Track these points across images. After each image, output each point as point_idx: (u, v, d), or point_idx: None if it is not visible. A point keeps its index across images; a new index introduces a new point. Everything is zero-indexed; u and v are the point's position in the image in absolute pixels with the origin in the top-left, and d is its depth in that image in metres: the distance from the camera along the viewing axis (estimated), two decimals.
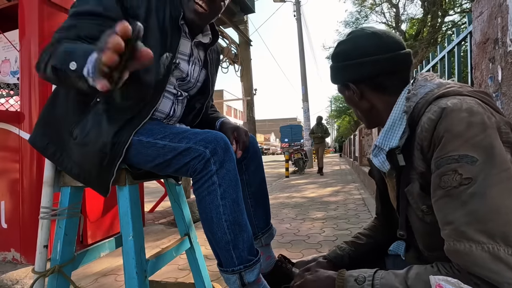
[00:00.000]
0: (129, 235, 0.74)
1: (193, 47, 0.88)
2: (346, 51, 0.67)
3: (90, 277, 1.53)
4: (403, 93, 0.64)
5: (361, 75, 0.65)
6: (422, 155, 0.56)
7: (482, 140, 0.48)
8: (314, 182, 5.83)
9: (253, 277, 0.70)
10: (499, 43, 0.92)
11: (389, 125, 0.63)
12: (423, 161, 0.56)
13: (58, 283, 0.80)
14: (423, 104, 0.57)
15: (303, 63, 10.37)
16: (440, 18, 10.29)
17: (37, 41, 1.70)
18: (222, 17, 4.31)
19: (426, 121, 0.53)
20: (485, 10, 1.00)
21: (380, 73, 0.64)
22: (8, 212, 1.75)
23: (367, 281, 0.56)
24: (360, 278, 0.57)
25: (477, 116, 0.49)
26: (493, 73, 0.97)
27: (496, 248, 0.43)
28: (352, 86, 0.67)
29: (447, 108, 0.51)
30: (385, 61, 0.63)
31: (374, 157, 0.67)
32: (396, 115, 0.63)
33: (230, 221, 0.69)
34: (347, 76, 0.68)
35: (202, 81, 0.94)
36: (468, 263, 0.46)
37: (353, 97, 0.68)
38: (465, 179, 0.47)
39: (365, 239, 0.83)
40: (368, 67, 0.64)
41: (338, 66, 0.69)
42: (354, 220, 2.51)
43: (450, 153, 0.49)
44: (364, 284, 0.56)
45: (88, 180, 0.75)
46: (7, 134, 1.76)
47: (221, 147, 0.70)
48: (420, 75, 0.66)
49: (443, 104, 0.53)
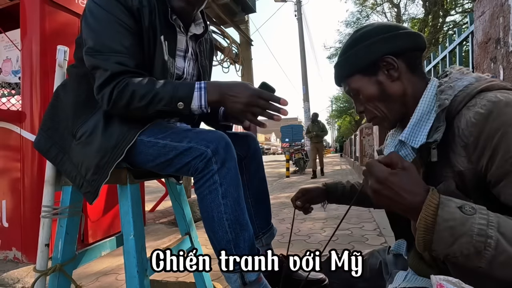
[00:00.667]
0: (130, 234, 0.74)
1: (188, 41, 0.88)
2: (374, 29, 0.62)
3: (91, 276, 1.54)
4: (431, 84, 0.59)
5: (401, 46, 0.60)
6: (466, 152, 0.50)
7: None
8: (314, 182, 5.82)
9: (254, 276, 0.70)
10: (501, 43, 0.92)
11: (417, 118, 0.57)
12: (466, 159, 0.50)
13: (59, 282, 0.80)
14: (464, 97, 0.53)
15: (304, 63, 10.37)
16: (441, 18, 10.27)
17: (38, 40, 1.70)
18: (223, 16, 4.31)
19: (474, 116, 0.49)
20: (487, 10, 0.99)
21: (414, 47, 0.61)
22: (9, 211, 1.76)
23: (480, 213, 0.41)
24: (467, 207, 0.42)
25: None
26: (494, 73, 0.97)
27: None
28: (392, 60, 0.59)
29: (500, 101, 0.47)
30: (415, 36, 0.60)
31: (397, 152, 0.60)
32: (424, 108, 0.57)
33: (232, 220, 0.69)
34: (384, 49, 0.60)
35: (196, 75, 0.93)
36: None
37: (386, 81, 0.60)
38: None
39: None
40: (405, 38, 0.60)
41: (371, 41, 0.61)
42: (354, 220, 2.51)
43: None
44: (475, 216, 0.41)
45: (81, 183, 0.74)
46: (8, 133, 1.76)
47: (223, 147, 0.70)
48: (453, 68, 0.62)
49: (492, 98, 0.48)
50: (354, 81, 0.64)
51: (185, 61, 0.88)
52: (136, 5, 0.74)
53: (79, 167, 0.74)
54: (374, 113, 0.64)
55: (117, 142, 0.72)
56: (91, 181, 0.72)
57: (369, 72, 0.62)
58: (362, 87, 0.63)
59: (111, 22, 0.72)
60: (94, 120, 0.75)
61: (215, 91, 0.71)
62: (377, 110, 0.63)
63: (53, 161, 0.80)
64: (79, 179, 0.74)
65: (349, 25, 14.15)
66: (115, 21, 0.72)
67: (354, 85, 0.64)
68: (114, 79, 0.70)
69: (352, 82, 0.64)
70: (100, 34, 0.72)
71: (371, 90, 0.62)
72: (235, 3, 4.39)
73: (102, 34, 0.72)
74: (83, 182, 0.74)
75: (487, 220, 0.40)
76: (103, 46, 0.71)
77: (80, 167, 0.74)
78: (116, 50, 0.71)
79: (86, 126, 0.75)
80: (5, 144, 1.78)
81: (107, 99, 0.70)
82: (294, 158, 7.99)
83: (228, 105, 0.72)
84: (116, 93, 0.70)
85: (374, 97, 0.62)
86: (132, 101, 0.70)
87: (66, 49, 0.88)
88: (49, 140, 0.79)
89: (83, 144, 0.74)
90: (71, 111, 0.78)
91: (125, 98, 0.70)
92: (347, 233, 2.15)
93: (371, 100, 0.63)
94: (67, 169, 0.77)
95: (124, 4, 0.73)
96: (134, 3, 0.74)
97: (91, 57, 0.72)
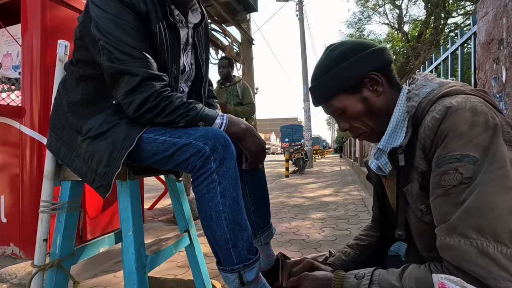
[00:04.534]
0: (129, 230, 0.74)
1: (188, 32, 0.88)
2: (352, 47, 0.64)
3: (88, 272, 1.53)
4: (402, 93, 0.63)
5: (382, 62, 0.63)
6: (424, 154, 0.55)
7: (484, 140, 0.48)
8: (314, 182, 5.82)
9: (252, 276, 0.70)
10: (504, 43, 0.91)
11: (392, 126, 0.62)
12: (424, 160, 0.56)
13: (57, 278, 0.79)
14: (427, 104, 0.57)
15: (305, 63, 10.36)
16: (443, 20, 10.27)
17: (39, 35, 1.70)
18: (225, 15, 4.31)
19: (430, 120, 0.53)
20: (490, 10, 0.99)
21: (390, 61, 0.64)
22: (8, 206, 1.75)
23: (366, 277, 0.58)
24: (360, 274, 0.60)
25: (480, 116, 0.49)
26: (497, 74, 0.97)
27: (485, 244, 0.44)
28: (375, 76, 0.62)
29: (452, 107, 0.51)
30: (386, 50, 0.65)
31: (376, 160, 0.66)
32: (398, 116, 0.62)
33: (230, 220, 0.69)
34: (370, 66, 0.62)
35: (195, 64, 0.93)
36: (457, 258, 0.46)
37: (371, 96, 0.63)
38: (466, 178, 0.47)
39: (367, 240, 0.83)
40: (381, 54, 0.63)
41: (353, 60, 0.62)
42: (353, 221, 2.51)
43: (452, 152, 0.49)
44: (363, 279, 0.58)
45: (93, 178, 0.74)
46: (8, 128, 1.76)
47: (221, 144, 0.69)
48: (419, 74, 0.65)
49: (447, 103, 0.52)
50: (339, 100, 0.65)
51: (183, 54, 0.88)
52: (144, 9, 0.74)
53: (89, 161, 0.74)
54: (361, 129, 0.66)
55: (126, 133, 0.72)
56: (103, 173, 0.72)
57: (354, 90, 0.63)
58: (348, 105, 0.64)
59: (124, 27, 0.71)
60: (98, 117, 0.76)
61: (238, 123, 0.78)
62: (364, 126, 0.65)
63: (64, 160, 0.80)
64: (90, 174, 0.74)
65: (351, 25, 14.15)
66: (128, 26, 0.71)
67: (339, 105, 0.65)
68: (145, 84, 0.71)
69: (337, 102, 0.65)
70: (118, 39, 0.70)
71: (358, 107, 0.64)
72: (237, 2, 4.39)
73: (120, 40, 0.70)
74: (94, 176, 0.74)
75: (370, 280, 0.57)
76: (124, 53, 0.70)
77: (90, 161, 0.74)
78: (137, 56, 0.71)
79: (91, 122, 0.75)
80: (4, 139, 1.78)
81: (136, 106, 0.71)
82: (294, 158, 7.99)
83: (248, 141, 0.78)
84: (148, 106, 0.71)
85: (362, 114, 0.64)
86: (158, 117, 0.73)
87: (67, 44, 0.87)
88: (58, 140, 0.80)
89: (92, 138, 0.74)
90: (72, 109, 0.78)
91: (155, 112, 0.72)
92: (346, 233, 2.15)
93: (358, 117, 0.65)
94: (76, 166, 0.77)
95: (133, 9, 0.72)
96: (141, 8, 0.73)
97: (114, 63, 0.71)
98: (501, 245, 0.43)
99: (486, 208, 0.45)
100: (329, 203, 3.42)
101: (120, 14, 0.71)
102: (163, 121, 0.73)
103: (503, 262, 0.43)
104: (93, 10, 0.72)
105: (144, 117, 0.73)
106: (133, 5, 0.72)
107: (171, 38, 0.81)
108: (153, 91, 0.71)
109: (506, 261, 0.43)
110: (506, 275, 0.42)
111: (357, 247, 0.82)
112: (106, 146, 0.72)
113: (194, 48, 0.92)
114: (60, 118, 0.81)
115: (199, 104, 0.76)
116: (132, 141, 0.71)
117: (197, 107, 0.75)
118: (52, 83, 0.86)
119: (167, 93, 0.73)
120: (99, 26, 0.71)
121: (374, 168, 0.69)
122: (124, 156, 0.71)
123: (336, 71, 0.63)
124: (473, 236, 0.45)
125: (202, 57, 0.94)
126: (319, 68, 0.67)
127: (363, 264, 0.77)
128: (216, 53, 4.69)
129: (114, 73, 0.72)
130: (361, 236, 0.85)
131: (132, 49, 0.71)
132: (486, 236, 0.44)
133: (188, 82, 0.92)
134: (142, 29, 0.74)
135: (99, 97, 0.78)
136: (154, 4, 0.76)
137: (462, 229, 0.46)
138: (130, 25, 0.72)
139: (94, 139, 0.74)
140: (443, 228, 0.49)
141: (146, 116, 0.73)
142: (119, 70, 0.71)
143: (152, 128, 0.75)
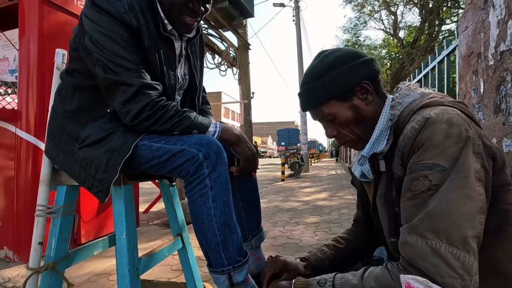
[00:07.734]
0: (122, 234, 0.76)
1: (182, 44, 0.90)
2: (346, 55, 0.65)
3: (82, 276, 1.54)
4: (387, 102, 0.67)
5: (373, 71, 0.65)
6: (401, 160, 0.59)
7: (454, 151, 0.52)
8: (309, 186, 5.85)
9: (241, 277, 0.73)
10: (481, 57, 0.96)
11: (377, 134, 0.65)
12: (401, 167, 0.59)
13: (51, 280, 0.81)
14: (408, 113, 0.60)
15: (301, 68, 10.44)
16: (437, 27, 10.44)
17: (36, 40, 1.71)
18: (222, 20, 4.35)
19: (410, 130, 0.56)
20: (470, 25, 1.04)
21: (379, 71, 0.67)
22: (2, 210, 1.75)
23: (328, 282, 0.60)
24: (322, 280, 0.61)
25: (455, 128, 0.53)
26: (476, 85, 1.01)
27: (438, 244, 0.48)
28: (367, 84, 0.64)
29: (430, 118, 0.54)
30: (376, 60, 0.67)
31: (360, 166, 0.69)
32: (383, 125, 0.65)
33: (221, 223, 0.71)
34: (362, 74, 0.64)
35: (189, 75, 0.95)
36: (413, 255, 0.50)
37: (361, 105, 0.64)
38: (433, 185, 0.51)
39: (344, 243, 0.86)
40: (372, 64, 0.65)
41: (347, 67, 0.64)
42: (346, 225, 2.54)
43: (425, 161, 0.53)
44: (326, 285, 0.60)
45: (91, 183, 0.77)
46: (3, 132, 1.76)
47: (214, 151, 0.72)
48: (403, 84, 0.69)
49: (426, 114, 0.55)
50: (330, 106, 0.66)
51: (178, 66, 0.90)
52: (136, 24, 0.76)
53: (87, 168, 0.77)
54: (349, 137, 0.68)
55: (123, 140, 0.75)
56: (102, 180, 0.75)
57: (345, 97, 0.65)
58: (338, 112, 0.65)
59: (117, 40, 0.73)
60: (94, 124, 0.78)
61: (230, 130, 0.83)
62: (352, 134, 0.67)
63: (62, 167, 0.82)
64: (88, 180, 0.77)
65: (347, 31, 14.30)
66: (121, 39, 0.74)
67: (330, 111, 0.66)
68: (140, 93, 0.73)
69: (327, 108, 0.66)
70: (112, 52, 0.73)
71: (348, 115, 0.65)
72: (234, 7, 4.44)
73: (113, 53, 0.73)
74: (93, 182, 0.76)
75: (332, 284, 0.59)
76: (118, 66, 0.73)
77: (88, 168, 0.77)
78: (131, 67, 0.74)
79: (87, 130, 0.78)
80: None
81: (134, 115, 0.74)
82: (290, 162, 8.01)
83: (241, 146, 0.83)
84: (145, 115, 0.74)
85: (351, 121, 0.66)
86: (154, 125, 0.76)
87: (64, 52, 0.90)
88: (56, 147, 0.83)
89: (89, 146, 0.77)
90: (68, 117, 0.81)
91: (152, 120, 0.75)
92: None
93: (347, 125, 0.66)
94: (75, 172, 0.79)
95: (125, 24, 0.74)
96: (133, 23, 0.75)
97: (109, 74, 0.73)
98: (453, 247, 0.48)
99: (445, 213, 0.49)
100: (324, 207, 3.45)
101: (112, 28, 0.73)
102: (159, 129, 0.76)
103: (452, 262, 0.47)
104: (87, 23, 0.74)
105: (141, 126, 0.75)
106: (124, 20, 0.74)
107: (166, 49, 0.83)
108: (149, 100, 0.73)
109: (454, 260, 0.47)
110: (452, 273, 0.46)
111: (333, 247, 0.85)
112: (104, 153, 0.75)
113: (188, 60, 0.94)
114: (56, 126, 0.83)
115: (193, 113, 0.79)
116: (128, 149, 0.73)
117: (191, 116, 0.77)
118: (48, 88, 0.88)
119: (163, 102, 0.75)
120: (93, 39, 0.73)
121: (358, 174, 0.72)
122: (121, 163, 0.73)
123: (329, 78, 0.64)
124: (429, 237, 0.49)
125: (196, 68, 0.96)
126: (311, 73, 0.67)
127: (337, 263, 0.81)
128: (213, 57, 4.73)
129: (109, 84, 0.74)
130: (339, 238, 0.87)
131: (125, 61, 0.73)
132: (441, 238, 0.48)
133: (180, 91, 0.95)
134: (134, 41, 0.76)
135: (94, 106, 0.80)
136: (146, 19, 0.78)
137: (421, 230, 0.50)
138: (123, 38, 0.74)
139: (91, 146, 0.76)
140: (406, 227, 0.53)
141: (143, 125, 0.75)
142: (115, 81, 0.73)
143: (148, 135, 0.77)
